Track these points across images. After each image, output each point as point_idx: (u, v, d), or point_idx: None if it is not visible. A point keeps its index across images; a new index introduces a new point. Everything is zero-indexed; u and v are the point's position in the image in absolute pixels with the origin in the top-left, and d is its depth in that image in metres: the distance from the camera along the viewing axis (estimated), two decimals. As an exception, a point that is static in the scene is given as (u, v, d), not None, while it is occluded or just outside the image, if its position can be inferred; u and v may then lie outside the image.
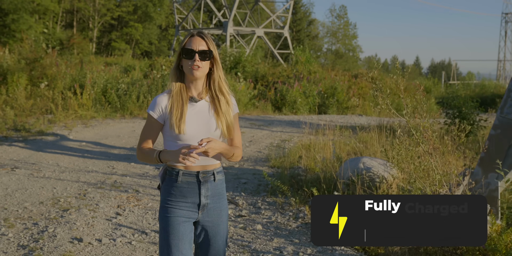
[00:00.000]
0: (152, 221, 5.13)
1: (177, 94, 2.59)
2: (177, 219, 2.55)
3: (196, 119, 2.59)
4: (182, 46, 2.58)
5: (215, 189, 2.65)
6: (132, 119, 12.41)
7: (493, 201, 5.83)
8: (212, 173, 2.63)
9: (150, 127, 2.62)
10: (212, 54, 2.58)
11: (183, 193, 2.57)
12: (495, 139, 6.01)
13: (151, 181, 6.75)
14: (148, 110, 2.62)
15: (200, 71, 2.56)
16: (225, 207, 2.71)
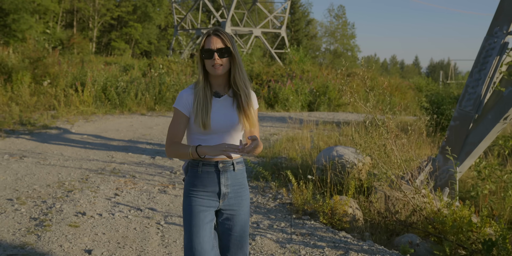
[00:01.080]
0: (146, 201, 5.83)
1: (202, 90, 2.66)
2: (198, 208, 2.65)
3: (219, 114, 2.67)
4: (201, 47, 2.64)
5: (235, 178, 2.74)
6: (130, 115, 13.11)
7: (452, 185, 6.52)
8: (232, 163, 2.72)
9: (178, 122, 2.69)
10: (230, 50, 2.63)
11: (204, 182, 2.67)
12: (454, 130, 6.72)
13: (147, 168, 7.45)
14: (174, 105, 2.70)
15: (221, 68, 2.62)
16: (246, 197, 2.80)
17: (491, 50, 6.52)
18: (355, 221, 5.64)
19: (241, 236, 2.75)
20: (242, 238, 2.75)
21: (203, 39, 2.63)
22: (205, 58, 2.61)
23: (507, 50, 6.49)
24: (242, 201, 2.76)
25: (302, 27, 66.31)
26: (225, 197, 2.71)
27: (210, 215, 2.67)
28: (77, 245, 4.39)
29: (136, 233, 4.79)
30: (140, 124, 11.52)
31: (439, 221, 5.23)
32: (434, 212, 5.45)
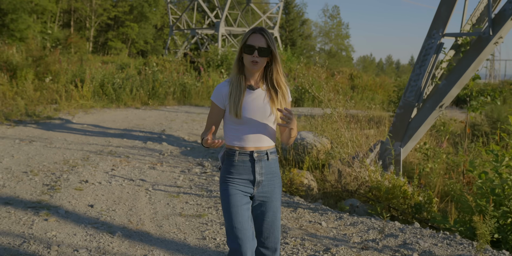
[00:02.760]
0: (138, 174, 7.00)
1: (236, 83, 2.84)
2: (235, 191, 2.83)
3: (252, 105, 2.83)
4: (244, 42, 2.80)
5: (268, 167, 2.90)
6: (126, 108, 14.30)
7: (397, 163, 7.71)
8: (266, 153, 2.88)
9: (214, 113, 2.88)
10: (270, 50, 2.80)
11: (239, 170, 2.84)
12: (399, 116, 7.91)
13: (139, 150, 8.63)
14: (211, 98, 2.90)
15: (257, 65, 2.79)
16: (279, 185, 2.97)
17: (429, 49, 7.72)
18: (310, 190, 6.83)
19: (273, 222, 2.91)
20: (274, 223, 2.91)
21: (248, 35, 2.79)
22: (246, 52, 2.78)
23: (443, 49, 7.69)
24: (275, 189, 2.93)
25: (296, 27, 67.23)
26: (259, 185, 2.88)
27: (246, 199, 2.86)
28: (82, 202, 5.59)
29: (128, 195, 5.98)
30: (135, 116, 12.71)
31: (376, 188, 6.42)
32: (376, 183, 6.64)
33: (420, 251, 4.50)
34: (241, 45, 2.81)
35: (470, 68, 7.28)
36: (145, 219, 5.14)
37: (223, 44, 38.56)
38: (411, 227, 5.21)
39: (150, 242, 4.53)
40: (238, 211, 2.79)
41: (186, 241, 4.59)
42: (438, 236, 4.94)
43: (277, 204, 2.94)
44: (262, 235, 2.90)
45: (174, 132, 10.56)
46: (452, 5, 7.58)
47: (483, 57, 7.31)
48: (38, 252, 4.16)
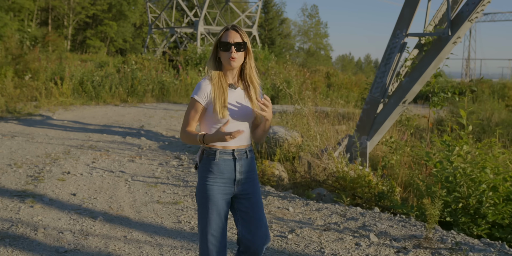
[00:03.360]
0: (117, 166, 7.35)
1: (218, 82, 2.82)
2: (216, 196, 2.82)
3: (235, 105, 2.84)
4: (219, 39, 2.81)
5: (247, 165, 2.92)
6: (105, 105, 14.61)
7: (364, 155, 8.17)
8: (245, 151, 2.90)
9: (195, 111, 2.84)
10: (246, 45, 2.82)
11: (221, 169, 2.83)
12: (366, 112, 8.37)
13: (118, 145, 8.97)
14: (193, 95, 2.83)
15: (236, 61, 2.80)
16: (257, 181, 2.99)
17: (394, 48, 8.19)
18: (280, 180, 7.25)
19: (259, 217, 2.91)
20: (260, 219, 2.91)
21: (221, 33, 2.81)
22: (222, 50, 2.79)
23: (406, 48, 8.17)
24: (254, 185, 2.96)
25: (275, 26, 67.60)
26: (239, 183, 2.89)
27: (226, 203, 2.87)
28: (65, 191, 5.94)
29: (109, 185, 6.34)
30: (114, 113, 13.02)
31: (342, 178, 6.87)
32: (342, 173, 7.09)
33: (377, 232, 4.95)
34: (216, 44, 2.82)
35: (431, 66, 7.76)
36: (125, 206, 5.52)
37: (202, 43, 38.80)
38: (371, 212, 5.67)
39: (129, 225, 4.91)
40: (217, 218, 2.81)
41: (163, 224, 4.98)
42: (394, 219, 5.40)
43: (260, 199, 2.95)
44: (250, 232, 2.88)
45: (153, 128, 10.92)
46: (415, 7, 8.07)
47: (443, 56, 7.80)
48: (26, 234, 4.51)
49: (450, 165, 5.71)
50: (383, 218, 5.41)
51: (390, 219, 5.40)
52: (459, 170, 5.62)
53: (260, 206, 2.94)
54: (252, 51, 3.09)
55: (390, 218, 5.42)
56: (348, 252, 4.39)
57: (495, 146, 6.16)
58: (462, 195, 5.63)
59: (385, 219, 5.37)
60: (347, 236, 4.81)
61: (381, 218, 5.40)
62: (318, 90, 23.18)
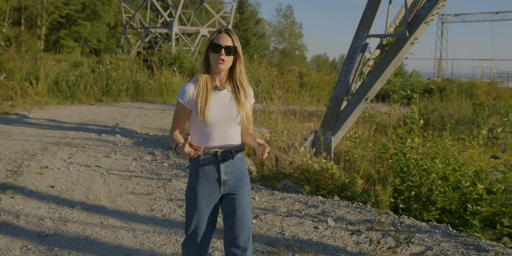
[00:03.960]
0: (93, 161, 7.69)
1: (203, 84, 2.85)
2: (201, 196, 2.87)
3: (219, 106, 2.86)
4: (211, 41, 2.83)
5: (234, 166, 2.92)
6: (80, 105, 14.86)
7: (328, 150, 8.63)
8: (231, 152, 2.91)
9: (180, 114, 2.90)
10: (236, 50, 2.84)
11: (205, 171, 2.87)
12: (331, 109, 8.84)
13: (94, 142, 9.29)
14: (177, 98, 2.89)
15: (224, 64, 2.82)
16: (247, 182, 2.98)
17: (356, 49, 8.68)
18: (249, 173, 7.67)
19: (242, 219, 2.90)
20: (244, 221, 2.90)
21: (214, 35, 2.83)
22: (212, 51, 2.82)
23: (368, 48, 8.66)
24: (242, 187, 2.95)
25: (250, 26, 67.94)
26: (226, 184, 2.90)
27: (213, 203, 2.91)
28: (44, 183, 6.27)
29: (85, 178, 6.69)
30: (89, 112, 13.30)
31: (306, 170, 7.32)
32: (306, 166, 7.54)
33: (335, 217, 5.40)
34: (208, 44, 2.84)
35: (390, 65, 8.27)
36: (101, 197, 5.88)
37: (177, 43, 38.98)
38: (331, 200, 6.12)
39: (105, 213, 5.28)
40: (201, 218, 2.88)
41: (136, 212, 5.36)
42: (352, 206, 5.86)
43: (247, 201, 2.95)
44: (232, 234, 2.89)
45: (127, 126, 11.25)
46: (375, 10, 8.56)
47: (402, 56, 8.31)
48: (8, 221, 4.85)
49: (403, 156, 6.19)
50: (342, 205, 5.86)
51: (348, 206, 5.86)
52: (412, 161, 6.11)
53: (246, 207, 2.93)
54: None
55: (348, 205, 5.88)
56: (306, 234, 4.82)
57: (446, 139, 6.68)
58: (415, 184, 6.12)
59: (343, 206, 5.83)
60: (307, 221, 5.25)
61: (340, 205, 5.86)
62: (290, 89, 23.74)
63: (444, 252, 4.50)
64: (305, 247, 4.47)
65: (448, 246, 4.63)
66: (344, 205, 5.88)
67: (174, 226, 4.96)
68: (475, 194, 5.97)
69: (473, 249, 4.56)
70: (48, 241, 4.41)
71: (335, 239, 4.74)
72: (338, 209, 5.70)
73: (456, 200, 6.04)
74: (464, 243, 4.72)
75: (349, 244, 4.62)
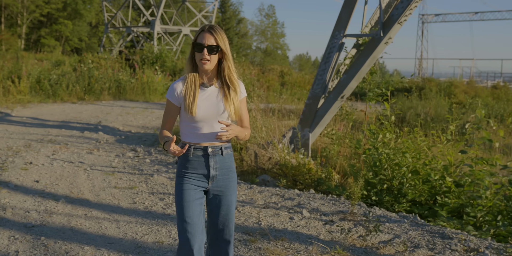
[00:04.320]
0: (77, 158, 7.87)
1: (191, 81, 2.89)
2: (188, 186, 2.92)
3: (206, 103, 2.89)
4: (194, 40, 2.86)
5: (223, 162, 2.96)
6: (62, 103, 14.97)
7: (306, 146, 8.90)
8: (220, 148, 2.95)
9: (169, 111, 2.96)
10: (219, 48, 2.85)
11: (194, 165, 2.92)
12: (308, 106, 9.11)
13: (77, 139, 9.46)
14: (166, 96, 2.96)
15: (208, 64, 2.85)
16: (234, 179, 3.03)
17: (333, 48, 8.96)
18: (229, 169, 7.91)
19: (227, 215, 2.97)
20: (228, 216, 2.98)
21: (198, 34, 2.86)
22: (196, 51, 2.85)
23: (345, 47, 8.95)
24: (230, 183, 3.00)
25: (233, 25, 68.06)
26: (214, 179, 2.96)
27: (200, 193, 2.95)
28: (28, 178, 6.45)
29: (69, 173, 6.87)
30: (72, 110, 13.43)
31: (284, 165, 7.58)
32: (284, 161, 7.80)
33: (310, 208, 5.66)
34: (192, 43, 2.88)
35: (365, 64, 8.56)
36: (85, 191, 6.07)
37: (159, 42, 38.98)
38: (307, 193, 6.39)
39: (89, 206, 5.48)
40: (190, 205, 2.89)
41: (119, 205, 5.57)
42: (326, 198, 6.14)
43: (232, 198, 3.01)
44: (216, 228, 2.97)
45: (110, 123, 11.41)
46: (351, 11, 8.85)
47: (377, 55, 8.60)
48: (-5, 213, 5.04)
49: (376, 151, 6.48)
50: (317, 198, 6.13)
51: (323, 198, 6.13)
52: (384, 155, 6.40)
53: (231, 204, 3.00)
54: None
55: (323, 198, 6.15)
56: (281, 224, 5.08)
57: (417, 134, 6.98)
58: (387, 178, 6.41)
59: (318, 199, 6.09)
60: (283, 212, 5.50)
61: (315, 198, 6.12)
62: (271, 88, 24.03)
63: (410, 239, 4.78)
64: (280, 235, 4.73)
65: (415, 234, 4.92)
66: (319, 198, 6.14)
67: (155, 217, 5.18)
68: (444, 187, 6.28)
69: (438, 236, 4.86)
70: (34, 231, 4.61)
71: (309, 228, 5.00)
72: (313, 201, 5.97)
73: (426, 192, 6.34)
74: (430, 231, 5.01)
75: (322, 233, 4.89)
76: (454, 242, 4.69)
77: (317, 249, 4.40)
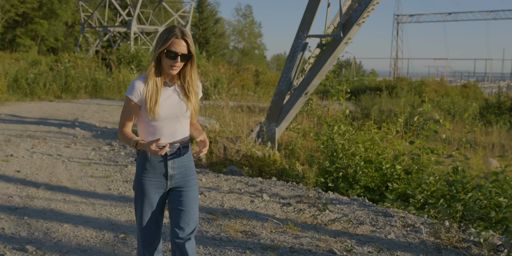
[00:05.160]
0: (55, 151, 8.33)
1: (153, 80, 2.85)
2: (149, 189, 2.92)
3: (168, 103, 2.89)
4: (167, 47, 2.80)
5: (181, 161, 2.96)
6: (40, 101, 15.36)
7: (273, 139, 9.48)
8: (178, 147, 2.94)
9: (129, 110, 2.90)
10: (191, 55, 2.85)
11: (153, 165, 2.91)
12: (275, 102, 9.69)
13: (55, 134, 9.91)
14: (126, 94, 2.88)
15: (177, 70, 2.86)
16: (193, 177, 3.03)
17: (297, 48, 9.56)
18: (199, 161, 8.44)
19: (188, 211, 2.96)
20: (190, 213, 2.96)
21: (171, 40, 2.79)
22: (167, 57, 2.80)
23: (308, 47, 9.55)
24: (189, 181, 3.00)
25: (210, 25, 68.30)
26: (172, 179, 2.95)
27: (161, 195, 2.97)
28: (10, 169, 6.92)
29: (48, 164, 7.35)
30: (49, 108, 13.83)
31: (250, 156, 8.15)
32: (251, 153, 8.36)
33: (270, 193, 6.24)
34: (162, 47, 2.80)
35: (327, 63, 9.17)
36: (63, 179, 6.57)
37: (136, 42, 39.22)
38: (269, 180, 6.96)
39: (67, 192, 5.99)
40: (149, 210, 2.94)
41: (95, 191, 6.08)
42: (286, 185, 6.72)
43: (193, 194, 3.01)
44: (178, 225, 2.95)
45: (86, 120, 11.87)
46: (314, 13, 9.45)
47: (337, 54, 9.22)
48: (-19, 198, 5.52)
49: (332, 141, 7.09)
50: (278, 184, 6.71)
51: (283, 185, 6.71)
52: (339, 145, 7.00)
53: (192, 200, 2.99)
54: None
55: (283, 184, 6.73)
56: (243, 206, 5.65)
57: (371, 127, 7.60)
58: (342, 166, 7.02)
59: (279, 185, 6.68)
60: (246, 196, 6.07)
61: (276, 185, 6.70)
62: (245, 86, 24.60)
63: (357, 218, 5.39)
64: (240, 215, 5.30)
65: (361, 213, 5.53)
66: (280, 184, 6.73)
67: (128, 201, 5.70)
68: (395, 174, 6.91)
69: (381, 215, 5.47)
70: (18, 213, 5.11)
71: (267, 209, 5.58)
72: (274, 187, 6.55)
73: (378, 179, 6.96)
74: (375, 211, 5.62)
75: (278, 212, 5.47)
76: (394, 219, 5.31)
77: (272, 225, 4.98)
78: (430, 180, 6.47)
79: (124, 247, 4.33)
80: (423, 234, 4.92)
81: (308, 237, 4.70)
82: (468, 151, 10.51)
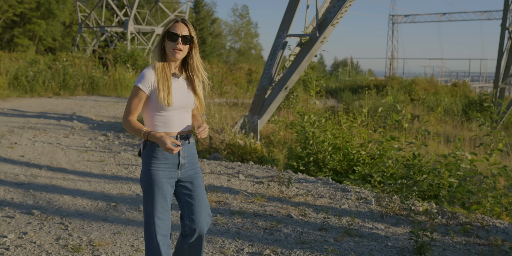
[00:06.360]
0: (55, 140, 9.13)
1: (162, 71, 2.87)
2: (161, 180, 2.90)
3: (178, 93, 2.92)
4: (167, 30, 2.87)
5: (189, 150, 3.02)
6: (39, 97, 16.17)
7: (255, 131, 10.29)
8: (187, 137, 2.99)
9: (138, 99, 2.88)
10: (193, 39, 2.90)
11: (165, 155, 2.90)
12: (257, 97, 10.51)
13: (54, 126, 10.72)
14: (136, 83, 2.87)
15: (180, 53, 2.87)
16: (198, 165, 3.08)
17: (278, 46, 10.38)
18: (187, 149, 9.26)
19: (203, 199, 3.05)
20: (204, 200, 3.05)
21: (171, 24, 2.88)
22: (169, 40, 2.86)
23: (288, 46, 10.37)
24: (196, 169, 3.06)
25: (206, 25, 68.88)
26: (182, 168, 2.98)
27: (171, 186, 2.96)
28: (15, 154, 7.74)
29: (49, 151, 8.17)
30: (48, 103, 14.64)
31: (232, 145, 8.97)
32: (233, 141, 9.18)
33: (246, 174, 7.06)
34: (164, 33, 2.88)
35: (304, 60, 9.99)
36: (62, 163, 7.39)
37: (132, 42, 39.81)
38: (247, 164, 7.79)
39: (66, 172, 6.80)
40: (163, 201, 2.91)
41: (91, 171, 6.90)
42: (262, 167, 7.54)
43: (201, 182, 3.09)
44: (195, 214, 3.00)
45: (84, 114, 12.68)
46: (293, 14, 10.28)
47: (314, 52, 10.04)
48: (-9, 176, 6.34)
49: (303, 129, 7.91)
50: (254, 167, 7.53)
51: (259, 167, 7.54)
52: (310, 133, 7.83)
53: (203, 188, 3.08)
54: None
55: (259, 167, 7.56)
56: (220, 183, 6.47)
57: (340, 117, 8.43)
58: (313, 152, 7.84)
59: (255, 168, 7.50)
60: (224, 176, 6.89)
61: (253, 168, 7.53)
62: (238, 85, 25.42)
63: (318, 192, 6.21)
64: (216, 189, 6.12)
65: (323, 189, 6.36)
66: (256, 167, 7.55)
67: (120, 179, 6.52)
68: (361, 159, 7.73)
69: (340, 190, 6.30)
70: (24, 187, 5.94)
71: (241, 186, 6.40)
72: (250, 169, 7.37)
73: (345, 163, 7.78)
74: (335, 188, 6.45)
75: (250, 188, 6.29)
76: (350, 194, 6.14)
77: (242, 197, 5.81)
78: (389, 163, 7.29)
79: (115, 212, 5.15)
80: (372, 205, 5.75)
81: (272, 206, 5.53)
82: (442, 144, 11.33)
